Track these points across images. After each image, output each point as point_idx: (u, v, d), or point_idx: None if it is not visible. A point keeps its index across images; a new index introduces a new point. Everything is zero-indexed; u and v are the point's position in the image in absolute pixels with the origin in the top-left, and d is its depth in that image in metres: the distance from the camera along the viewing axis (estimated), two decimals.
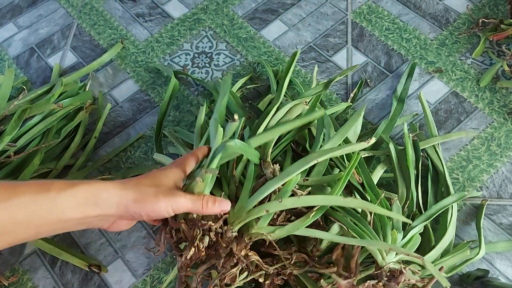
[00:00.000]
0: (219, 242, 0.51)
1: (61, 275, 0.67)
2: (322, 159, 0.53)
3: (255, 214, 0.51)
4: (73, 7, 0.99)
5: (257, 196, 0.52)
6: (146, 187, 0.47)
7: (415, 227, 0.57)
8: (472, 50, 0.83)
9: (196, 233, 0.50)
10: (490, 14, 0.87)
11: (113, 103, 0.84)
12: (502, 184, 0.70)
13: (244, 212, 0.52)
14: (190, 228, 0.51)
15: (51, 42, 0.93)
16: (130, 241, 0.69)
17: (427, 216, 0.59)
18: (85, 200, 0.44)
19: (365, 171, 0.60)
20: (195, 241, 0.50)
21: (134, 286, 0.65)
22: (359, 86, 0.80)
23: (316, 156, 0.53)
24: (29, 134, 0.70)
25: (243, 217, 0.51)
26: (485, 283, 0.58)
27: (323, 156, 0.53)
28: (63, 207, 0.43)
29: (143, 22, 0.94)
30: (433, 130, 0.73)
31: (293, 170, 0.52)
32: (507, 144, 0.73)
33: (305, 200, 0.52)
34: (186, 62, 0.87)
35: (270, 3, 0.94)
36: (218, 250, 0.51)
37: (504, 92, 0.78)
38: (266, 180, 0.54)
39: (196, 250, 0.50)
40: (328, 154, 0.54)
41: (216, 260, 0.51)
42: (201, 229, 0.50)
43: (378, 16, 0.90)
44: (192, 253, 0.50)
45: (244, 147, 0.53)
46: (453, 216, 0.61)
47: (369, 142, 0.54)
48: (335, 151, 0.54)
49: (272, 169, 0.55)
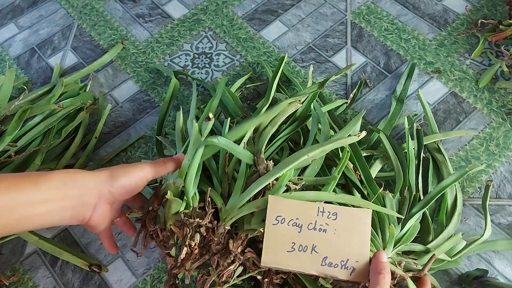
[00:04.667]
0: (211, 238, 0.51)
1: (61, 275, 0.67)
2: (312, 153, 0.53)
3: (247, 210, 0.51)
4: (74, 7, 0.99)
5: (249, 192, 0.52)
6: (117, 169, 0.53)
7: (414, 215, 0.58)
8: (471, 51, 0.83)
9: (186, 232, 0.51)
10: (488, 15, 0.88)
11: (113, 104, 0.84)
12: (500, 184, 0.70)
13: (236, 208, 0.52)
14: (180, 228, 0.51)
15: (51, 42, 0.94)
16: (130, 241, 0.69)
17: (426, 201, 0.60)
18: (63, 183, 0.48)
19: (363, 164, 0.60)
20: (186, 240, 0.50)
21: (135, 285, 0.65)
22: (359, 86, 0.81)
23: (306, 151, 0.53)
24: (30, 134, 0.70)
25: (235, 213, 0.52)
26: (484, 283, 0.59)
27: (314, 150, 0.53)
28: (44, 188, 0.46)
29: (143, 22, 0.95)
30: (433, 127, 0.73)
31: (285, 165, 0.52)
32: (506, 144, 0.73)
33: (297, 196, 0.52)
34: (186, 63, 0.88)
35: (269, 4, 0.95)
36: (210, 246, 0.51)
37: (503, 92, 0.78)
38: (259, 176, 0.54)
39: (188, 249, 0.50)
40: (319, 148, 0.54)
41: (209, 256, 0.51)
42: (190, 227, 0.50)
43: (377, 16, 0.90)
44: (185, 252, 0.50)
45: (229, 144, 0.53)
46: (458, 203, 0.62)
47: (360, 135, 0.55)
48: (325, 146, 0.54)
49: (265, 165, 0.55)
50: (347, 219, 0.50)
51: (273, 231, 0.50)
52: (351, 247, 0.50)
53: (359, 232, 0.50)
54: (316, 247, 0.50)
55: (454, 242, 0.58)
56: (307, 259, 0.50)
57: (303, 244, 0.50)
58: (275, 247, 0.50)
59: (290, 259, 0.50)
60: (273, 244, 0.50)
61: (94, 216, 0.51)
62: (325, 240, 0.50)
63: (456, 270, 0.63)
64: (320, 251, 0.50)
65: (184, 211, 0.53)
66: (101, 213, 0.52)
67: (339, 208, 0.50)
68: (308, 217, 0.50)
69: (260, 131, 0.62)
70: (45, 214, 0.47)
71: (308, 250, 0.50)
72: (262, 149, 0.58)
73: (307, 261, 0.50)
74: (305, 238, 0.50)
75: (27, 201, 0.45)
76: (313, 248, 0.50)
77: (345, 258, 0.50)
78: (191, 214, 0.53)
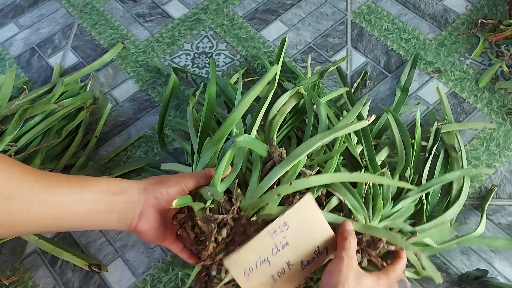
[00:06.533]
0: (235, 230, 0.53)
1: (61, 274, 0.67)
2: (326, 139, 0.55)
3: (267, 199, 0.53)
4: (74, 7, 0.99)
5: (268, 180, 0.54)
6: (161, 177, 0.54)
7: (408, 197, 0.61)
8: (471, 51, 0.83)
9: (211, 228, 0.52)
10: (489, 15, 0.88)
11: (113, 103, 0.84)
12: (500, 184, 0.70)
13: (256, 197, 0.53)
14: (206, 224, 0.52)
15: (52, 42, 0.94)
16: (130, 241, 0.69)
17: (424, 187, 0.62)
18: (111, 186, 0.50)
19: (368, 141, 0.63)
20: (212, 236, 0.51)
21: (134, 285, 0.66)
22: (363, 76, 0.81)
23: (320, 137, 0.55)
24: (30, 134, 0.70)
25: (256, 203, 0.53)
26: (484, 283, 0.59)
27: (327, 137, 0.55)
28: (93, 189, 0.48)
29: (144, 22, 0.95)
30: (449, 116, 0.74)
31: (300, 153, 0.54)
32: (506, 144, 0.73)
33: (314, 180, 0.54)
34: (187, 62, 0.88)
35: (270, 4, 0.95)
36: (235, 238, 0.53)
37: (503, 92, 0.78)
38: (274, 164, 0.56)
39: (215, 243, 0.52)
40: (331, 134, 0.55)
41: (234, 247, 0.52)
42: (215, 224, 0.52)
43: (378, 16, 0.90)
44: (211, 248, 0.52)
45: (252, 141, 0.56)
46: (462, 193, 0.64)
47: (370, 119, 0.56)
48: (338, 131, 0.56)
49: (279, 152, 0.57)
50: (297, 218, 0.51)
51: (250, 284, 0.50)
52: (315, 235, 0.51)
53: (312, 219, 0.51)
54: (290, 262, 0.51)
55: (442, 228, 0.60)
56: (290, 276, 0.51)
57: (279, 269, 0.51)
58: (246, 259, 0.50)
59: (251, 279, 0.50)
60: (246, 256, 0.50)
61: (142, 222, 0.52)
62: (293, 250, 0.51)
63: (456, 270, 0.63)
64: (294, 261, 0.51)
65: (211, 206, 0.54)
66: (148, 219, 0.52)
67: (284, 216, 0.50)
68: (266, 247, 0.50)
69: (269, 121, 0.64)
70: (92, 213, 0.48)
71: (286, 269, 0.51)
72: (274, 137, 0.61)
73: (292, 278, 0.51)
74: (277, 264, 0.50)
75: (77, 199, 0.47)
76: (289, 265, 0.51)
77: (315, 247, 0.51)
78: (217, 209, 0.54)
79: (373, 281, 0.48)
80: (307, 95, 0.67)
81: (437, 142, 0.68)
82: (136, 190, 0.51)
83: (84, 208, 0.48)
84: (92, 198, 0.48)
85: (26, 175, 0.44)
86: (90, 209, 0.48)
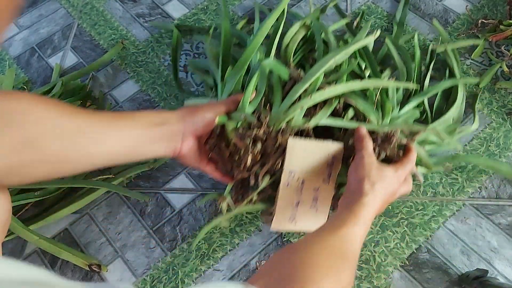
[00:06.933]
0: (267, 143, 0.59)
1: (61, 274, 0.67)
2: (338, 57, 0.61)
3: (292, 112, 0.58)
4: (74, 7, 0.99)
5: (291, 97, 0.59)
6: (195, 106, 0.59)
7: (411, 102, 0.69)
8: (471, 51, 0.83)
9: (246, 142, 0.58)
10: (489, 15, 0.88)
11: (113, 103, 0.84)
12: (500, 184, 0.70)
13: (282, 112, 0.59)
14: (241, 140, 0.58)
15: (51, 42, 0.94)
16: (130, 241, 0.69)
17: (424, 92, 0.71)
18: (154, 119, 0.54)
19: (371, 59, 0.70)
20: (249, 150, 0.58)
21: (134, 285, 0.65)
22: (361, 16, 0.88)
23: (332, 55, 0.61)
24: None
25: (282, 117, 0.59)
26: (484, 283, 0.59)
27: (339, 54, 0.61)
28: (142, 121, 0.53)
29: (143, 22, 0.95)
30: (444, 35, 0.84)
31: (316, 70, 0.59)
32: (506, 144, 0.73)
33: (330, 91, 0.60)
34: (186, 63, 0.87)
35: (269, 4, 0.95)
36: (267, 151, 0.59)
37: (503, 92, 0.78)
38: (294, 82, 0.62)
39: (252, 156, 0.58)
40: (342, 51, 0.62)
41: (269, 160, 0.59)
42: (250, 138, 0.57)
43: (378, 16, 0.90)
44: (249, 160, 0.58)
45: (277, 64, 0.62)
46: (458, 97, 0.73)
47: (376, 34, 0.63)
48: (348, 48, 0.62)
49: (298, 72, 0.63)
50: (295, 161, 0.59)
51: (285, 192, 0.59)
52: (319, 159, 0.60)
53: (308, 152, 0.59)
54: (315, 187, 0.61)
55: (446, 122, 0.70)
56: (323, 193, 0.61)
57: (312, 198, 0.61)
58: (284, 213, 0.60)
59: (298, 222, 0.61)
60: (283, 210, 0.60)
61: (184, 147, 0.57)
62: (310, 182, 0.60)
63: (456, 270, 0.63)
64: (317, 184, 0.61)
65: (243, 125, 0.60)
66: (189, 144, 0.57)
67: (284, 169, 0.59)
68: (290, 198, 0.60)
69: (284, 47, 0.72)
70: (143, 143, 0.53)
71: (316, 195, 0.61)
72: (291, 61, 0.70)
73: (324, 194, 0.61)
74: (307, 198, 0.61)
75: (129, 131, 0.52)
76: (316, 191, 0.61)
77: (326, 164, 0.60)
78: (249, 126, 0.59)
79: (391, 171, 0.55)
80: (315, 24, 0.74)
81: (433, 59, 0.78)
82: (175, 120, 0.56)
83: (136, 140, 0.52)
84: (142, 130, 0.53)
85: (80, 115, 0.48)
86: (142, 140, 0.53)
